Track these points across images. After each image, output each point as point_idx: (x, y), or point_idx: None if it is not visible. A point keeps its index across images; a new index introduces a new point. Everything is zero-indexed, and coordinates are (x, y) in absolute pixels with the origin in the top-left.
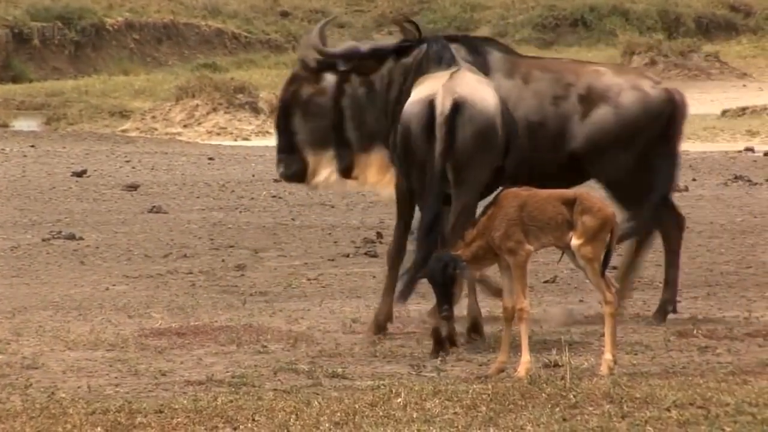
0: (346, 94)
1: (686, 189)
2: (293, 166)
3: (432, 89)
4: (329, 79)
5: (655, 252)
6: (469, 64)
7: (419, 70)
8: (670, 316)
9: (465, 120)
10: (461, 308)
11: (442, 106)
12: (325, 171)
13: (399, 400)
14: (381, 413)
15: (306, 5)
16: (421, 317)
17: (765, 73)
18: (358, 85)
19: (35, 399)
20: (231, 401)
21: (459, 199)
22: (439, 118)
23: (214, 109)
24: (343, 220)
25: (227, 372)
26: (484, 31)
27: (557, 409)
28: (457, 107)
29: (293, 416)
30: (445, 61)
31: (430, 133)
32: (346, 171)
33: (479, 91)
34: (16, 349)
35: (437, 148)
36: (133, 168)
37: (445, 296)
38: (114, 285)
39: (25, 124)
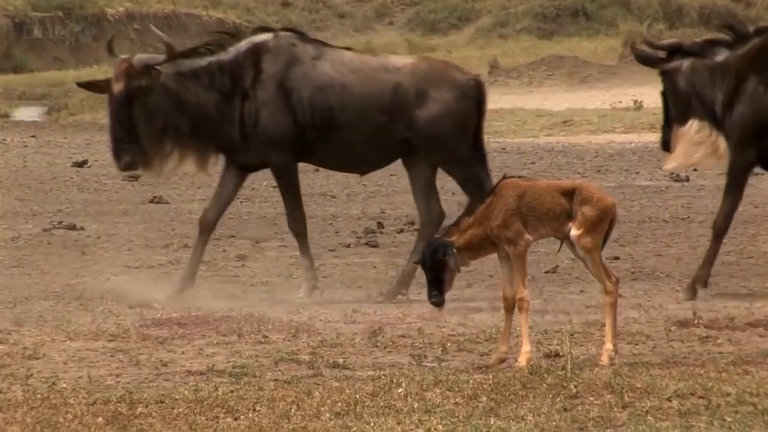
0: None
1: (687, 179)
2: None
3: None
4: None
5: (656, 243)
6: None
7: None
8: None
9: None
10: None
11: None
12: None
13: (400, 390)
14: (382, 403)
15: None
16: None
17: None
18: None
19: (36, 389)
20: (232, 391)
21: None
22: None
23: None
24: (344, 210)
25: (228, 362)
26: (484, 22)
27: (558, 399)
28: None
29: (294, 406)
30: None
31: None
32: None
33: None
34: (17, 340)
35: None
36: None
37: (435, 281)
38: (115, 275)
39: (26, 114)
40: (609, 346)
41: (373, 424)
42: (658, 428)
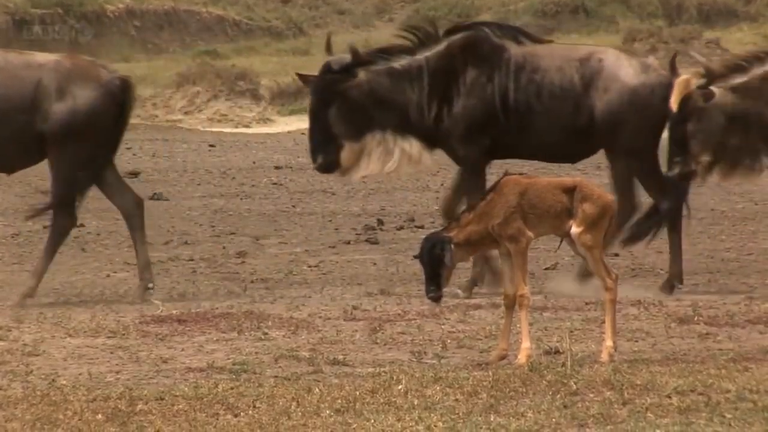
0: None
1: None
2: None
3: None
4: None
5: (656, 239)
6: None
7: None
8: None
9: None
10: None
11: None
12: None
13: (400, 387)
14: (382, 400)
15: None
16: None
17: None
18: None
19: (36, 386)
20: (232, 388)
21: None
22: None
23: (215, 96)
24: (344, 207)
25: (228, 359)
26: (484, 18)
27: (558, 395)
28: None
29: (294, 403)
30: None
31: None
32: None
33: None
34: (17, 336)
35: None
36: (134, 155)
37: (432, 277)
38: (115, 272)
39: None
40: (609, 343)
41: (373, 420)
42: (658, 425)
